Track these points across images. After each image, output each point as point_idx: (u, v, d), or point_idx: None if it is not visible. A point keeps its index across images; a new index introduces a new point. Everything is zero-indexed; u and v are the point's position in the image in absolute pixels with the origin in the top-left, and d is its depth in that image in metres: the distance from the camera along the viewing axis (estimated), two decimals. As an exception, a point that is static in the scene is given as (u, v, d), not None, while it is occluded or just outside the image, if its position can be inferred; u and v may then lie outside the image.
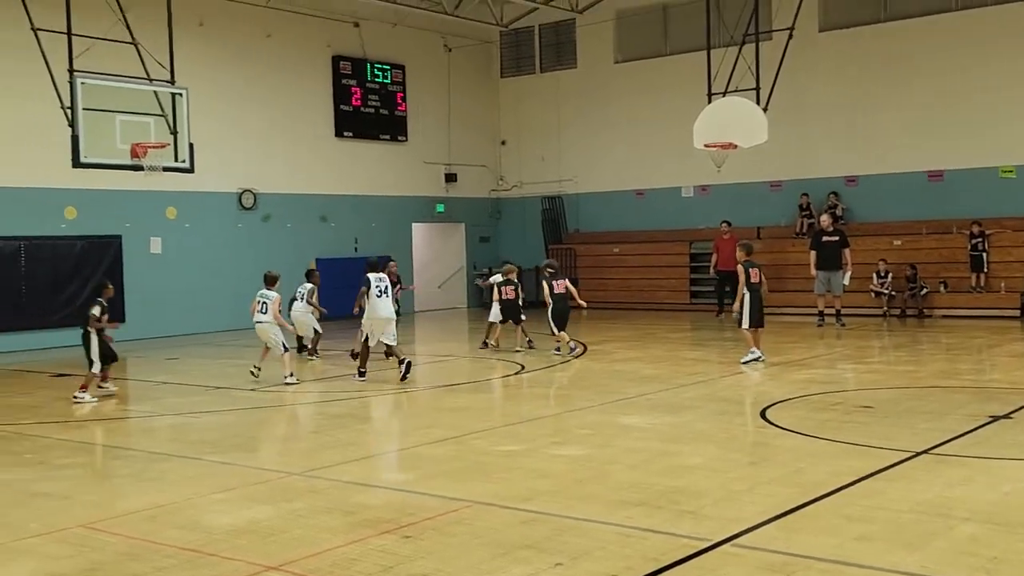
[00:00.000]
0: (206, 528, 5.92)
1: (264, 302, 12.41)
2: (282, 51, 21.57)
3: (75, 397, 11.04)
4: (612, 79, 24.63)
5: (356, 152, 23.16)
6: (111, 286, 12.25)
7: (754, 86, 18.28)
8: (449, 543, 5.47)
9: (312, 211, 22.17)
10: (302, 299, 14.45)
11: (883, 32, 20.85)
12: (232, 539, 5.68)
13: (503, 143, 26.70)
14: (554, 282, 14.60)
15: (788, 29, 18.67)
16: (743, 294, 12.68)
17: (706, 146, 18.06)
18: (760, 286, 12.85)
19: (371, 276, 12.22)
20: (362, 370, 12.24)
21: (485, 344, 15.41)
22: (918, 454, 7.24)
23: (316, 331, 14.65)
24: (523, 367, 13.28)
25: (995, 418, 8.58)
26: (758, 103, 17.99)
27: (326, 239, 22.13)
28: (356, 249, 22.71)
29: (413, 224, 24.65)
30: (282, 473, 7.31)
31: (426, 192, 24.83)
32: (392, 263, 15.72)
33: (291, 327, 13.45)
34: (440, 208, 25.27)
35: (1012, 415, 8.73)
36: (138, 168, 14.22)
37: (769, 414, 9.11)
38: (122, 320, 18.66)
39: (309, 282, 14.63)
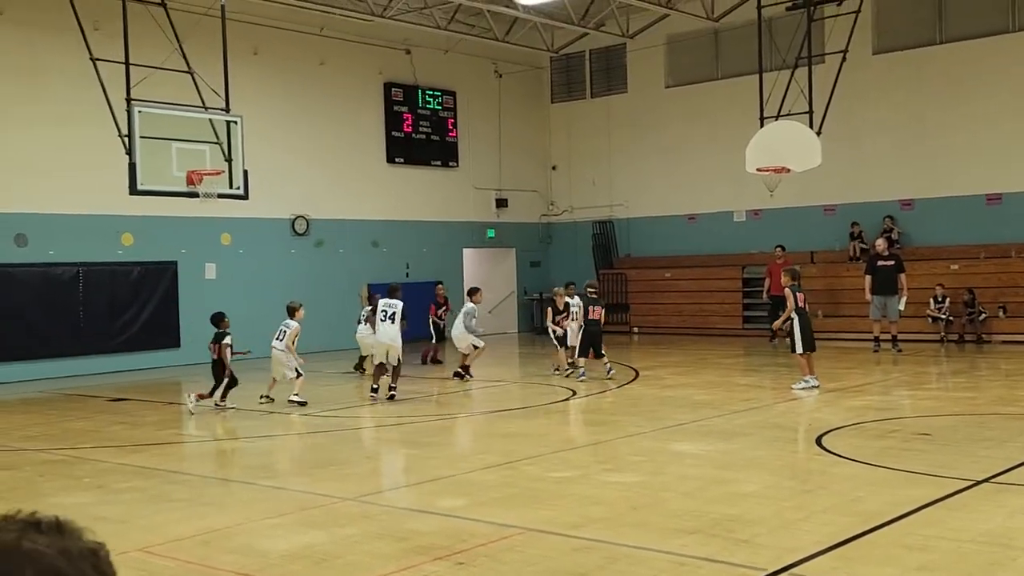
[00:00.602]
0: (260, 553, 5.98)
1: (283, 330, 12.68)
2: (335, 78, 21.92)
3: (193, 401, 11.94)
4: (663, 104, 24.61)
5: (408, 178, 23.39)
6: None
7: (807, 109, 18.11)
8: (501, 570, 5.46)
9: (364, 237, 22.41)
10: (364, 322, 15.13)
11: (938, 54, 20.59)
12: (286, 564, 5.73)
13: (554, 168, 26.78)
14: (591, 307, 14.59)
15: (841, 52, 18.50)
16: (792, 318, 12.53)
17: (758, 170, 17.92)
18: (806, 310, 12.71)
19: (381, 301, 12.52)
20: (374, 387, 12.69)
21: (570, 369, 14.93)
22: (979, 483, 7.08)
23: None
24: (574, 392, 13.24)
25: (1060, 447, 8.37)
26: (811, 126, 17.84)
27: (378, 264, 22.33)
28: (407, 274, 22.87)
29: (464, 249, 24.78)
30: (335, 498, 7.36)
31: (477, 217, 24.97)
32: (440, 286, 15.99)
33: (301, 359, 13.44)
34: (491, 233, 25.38)
35: (1077, 444, 8.50)
36: (194, 195, 14.49)
37: (824, 441, 8.96)
38: (177, 345, 19.13)
39: (371, 304, 15.28)
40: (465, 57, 24.22)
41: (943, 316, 18.88)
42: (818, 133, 17.84)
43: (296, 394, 12.39)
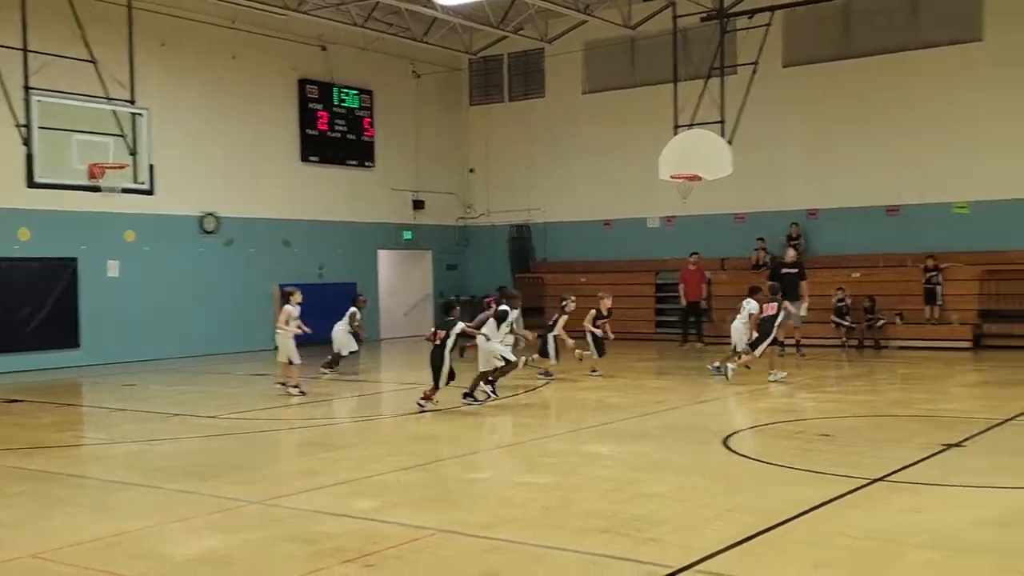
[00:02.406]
0: (162, 558, 5.85)
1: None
2: (247, 73, 21.55)
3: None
4: (580, 109, 24.87)
5: (322, 177, 23.13)
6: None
7: (719, 119, 18.54)
8: (411, 572, 5.44)
9: (275, 236, 22.07)
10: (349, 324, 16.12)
11: (844, 69, 21.27)
12: (189, 569, 5.61)
13: (471, 171, 26.81)
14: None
15: (752, 64, 18.97)
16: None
17: (672, 177, 18.26)
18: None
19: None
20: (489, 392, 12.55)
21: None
22: (874, 481, 7.33)
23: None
24: (489, 396, 13.24)
25: (948, 446, 8.72)
26: (723, 136, 18.24)
27: (289, 264, 22.02)
28: (321, 275, 22.63)
29: (379, 251, 24.62)
30: (243, 502, 7.23)
31: (393, 219, 24.83)
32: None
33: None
34: (407, 235, 25.28)
35: (964, 443, 8.87)
36: (95, 189, 14.06)
37: (731, 442, 9.17)
38: (76, 345, 18.53)
39: (353, 306, 16.37)
40: (383, 56, 24.08)
41: (846, 323, 19.48)
42: (729, 142, 18.25)
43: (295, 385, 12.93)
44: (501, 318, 12.29)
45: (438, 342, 11.54)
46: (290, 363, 13.04)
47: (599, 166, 24.38)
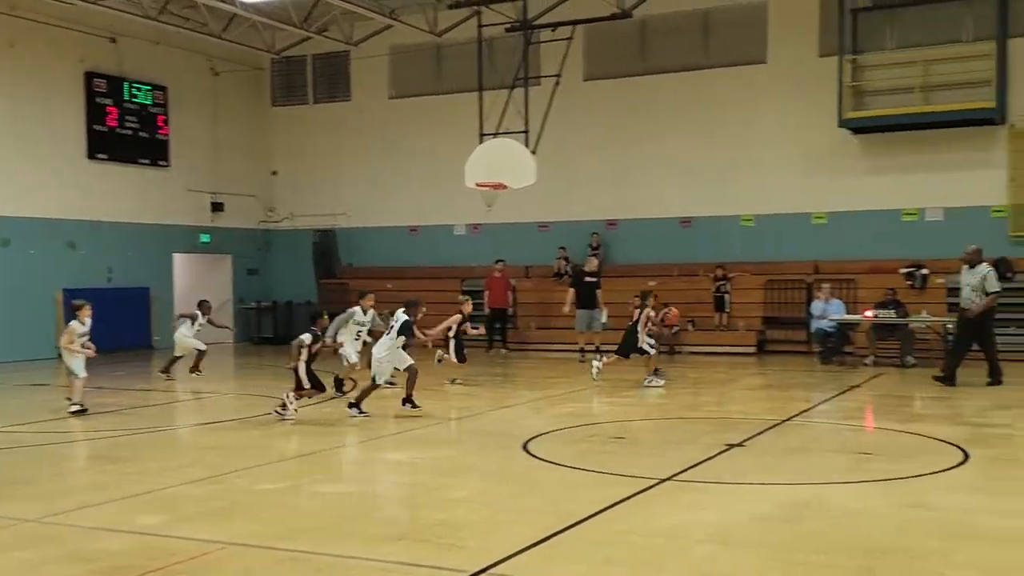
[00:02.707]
0: (-80, 583, 5.35)
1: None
2: (27, 63, 20.14)
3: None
4: (387, 114, 24.76)
5: (111, 175, 21.91)
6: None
7: (523, 129, 18.94)
8: (199, 587, 5.23)
9: (59, 237, 20.73)
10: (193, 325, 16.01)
11: (640, 84, 22.20)
12: (-49, 594, 5.16)
13: (274, 173, 26.14)
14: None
15: (555, 76, 19.51)
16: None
17: (478, 185, 18.48)
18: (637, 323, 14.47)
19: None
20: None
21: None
22: (663, 481, 7.67)
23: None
24: (286, 405, 12.92)
25: (731, 446, 9.25)
26: (527, 145, 18.65)
27: (75, 268, 20.72)
28: (110, 279, 21.44)
29: (175, 254, 23.58)
30: (15, 520, 6.72)
31: (190, 221, 23.85)
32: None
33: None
34: (205, 238, 24.33)
35: (745, 443, 9.44)
36: None
37: (530, 446, 9.36)
38: None
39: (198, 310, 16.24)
40: (178, 51, 23.11)
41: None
42: (533, 152, 18.68)
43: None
44: (402, 330, 11.59)
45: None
46: (73, 375, 12.19)
47: (406, 172, 24.35)
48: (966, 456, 8.65)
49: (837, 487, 7.63)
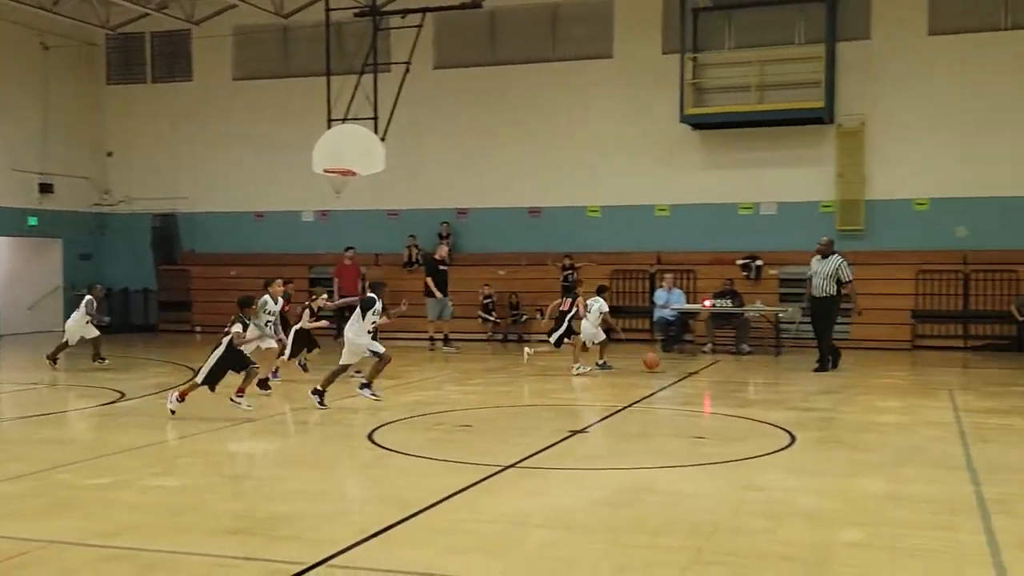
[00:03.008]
0: None
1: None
2: None
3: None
4: (231, 96, 24.00)
5: (-73, 153, 20.45)
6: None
7: (372, 115, 18.73)
8: (15, 589, 4.94)
9: None
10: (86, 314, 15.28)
11: (491, 75, 22.31)
12: None
13: (109, 154, 24.95)
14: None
15: (405, 63, 19.37)
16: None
17: (325, 171, 18.16)
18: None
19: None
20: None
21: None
22: (506, 468, 7.74)
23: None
24: (123, 395, 12.40)
25: (573, 432, 9.44)
26: (376, 132, 18.45)
27: None
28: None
29: (-1, 238, 22.22)
30: None
31: (15, 203, 22.48)
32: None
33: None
34: (32, 221, 22.98)
35: (587, 429, 9.66)
36: None
37: (376, 436, 9.28)
38: None
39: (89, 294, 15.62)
40: (4, 24, 21.71)
41: (492, 318, 20.47)
42: (382, 139, 18.51)
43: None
44: (366, 307, 11.12)
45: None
46: None
47: (251, 156, 23.69)
48: (793, 439, 9.10)
49: (673, 471, 7.90)
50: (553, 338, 15.18)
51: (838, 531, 5.98)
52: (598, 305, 15.00)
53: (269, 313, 12.74)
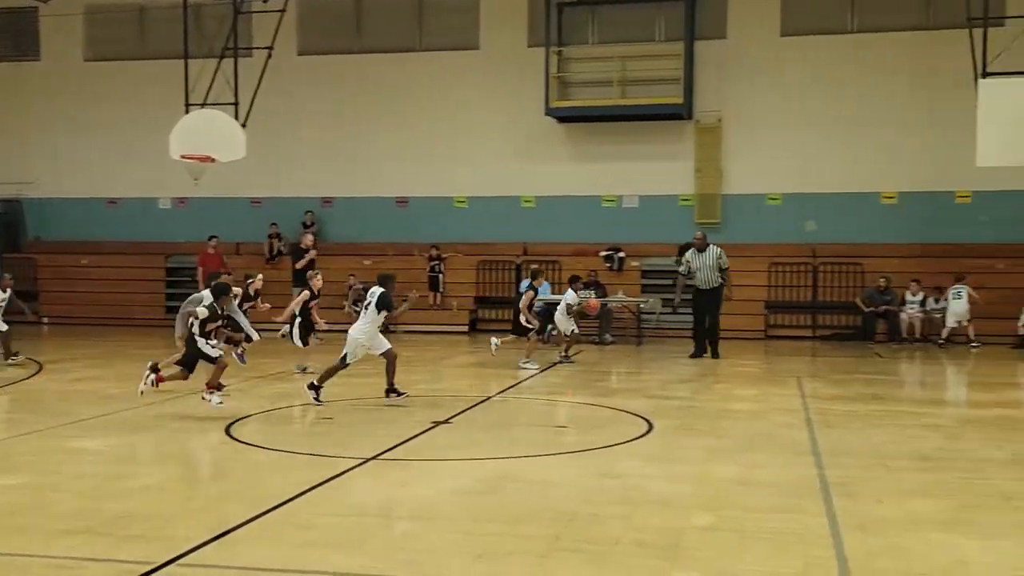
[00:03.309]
0: None
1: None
2: None
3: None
4: (82, 78, 22.95)
5: None
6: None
7: (233, 101, 18.22)
8: None
9: None
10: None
11: (357, 63, 22.04)
12: None
13: (-54, 136, 23.48)
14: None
15: (267, 48, 18.91)
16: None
17: (183, 157, 17.59)
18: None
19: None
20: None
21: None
22: (368, 460, 7.68)
23: None
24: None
25: (437, 423, 9.43)
26: (237, 118, 17.96)
27: None
28: None
29: None
30: None
31: None
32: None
33: None
34: None
35: (451, 420, 9.66)
36: None
37: (233, 430, 9.04)
38: None
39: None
40: None
41: (357, 308, 20.22)
42: (243, 126, 18.03)
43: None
44: (381, 304, 10.53)
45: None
46: None
47: (104, 140, 22.71)
48: (651, 427, 9.34)
49: (534, 459, 7.98)
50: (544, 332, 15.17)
51: (690, 516, 6.17)
52: (567, 298, 14.96)
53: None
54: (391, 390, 10.82)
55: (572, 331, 14.90)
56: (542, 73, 20.50)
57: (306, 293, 13.16)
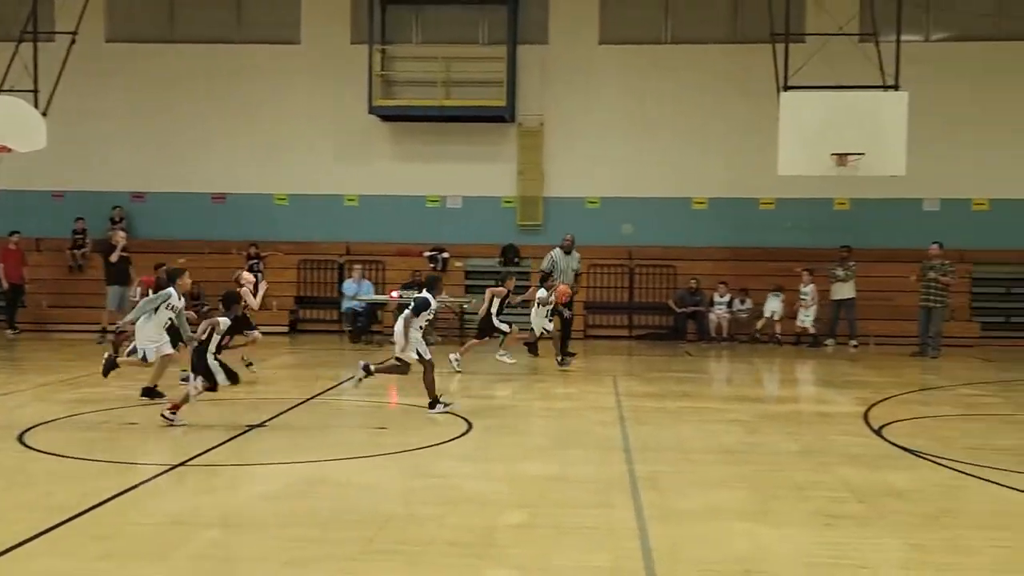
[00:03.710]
0: None
1: None
2: None
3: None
4: None
5: None
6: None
7: (32, 88, 17.12)
8: None
9: None
10: None
11: (169, 52, 21.16)
12: None
13: None
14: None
15: (71, 33, 17.86)
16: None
17: (-26, 146, 16.37)
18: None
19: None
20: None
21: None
22: (175, 467, 7.37)
23: None
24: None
25: (250, 427, 9.16)
26: (36, 106, 16.90)
27: None
28: None
29: None
30: None
31: None
32: None
33: None
34: None
35: (266, 423, 9.41)
36: None
37: (27, 438, 8.48)
38: None
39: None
40: None
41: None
42: (44, 114, 16.99)
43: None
44: (421, 307, 10.01)
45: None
46: None
47: None
48: (469, 426, 9.39)
49: (350, 462, 7.86)
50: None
51: (504, 514, 6.24)
52: (538, 294, 14.73)
53: (171, 309, 10.52)
54: (436, 402, 10.28)
55: (545, 330, 14.81)
56: (365, 71, 20.28)
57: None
